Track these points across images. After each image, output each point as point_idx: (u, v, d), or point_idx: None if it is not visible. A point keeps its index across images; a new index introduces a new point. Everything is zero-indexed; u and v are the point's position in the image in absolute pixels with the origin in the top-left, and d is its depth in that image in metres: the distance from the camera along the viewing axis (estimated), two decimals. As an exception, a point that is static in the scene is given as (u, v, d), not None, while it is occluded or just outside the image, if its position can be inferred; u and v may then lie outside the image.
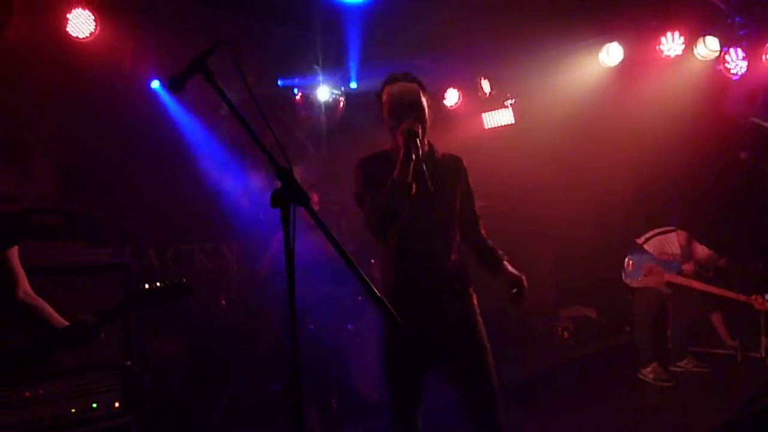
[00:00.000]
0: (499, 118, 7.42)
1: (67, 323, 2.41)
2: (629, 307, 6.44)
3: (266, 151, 1.79)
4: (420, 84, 2.75)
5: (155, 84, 5.54)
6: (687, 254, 5.87)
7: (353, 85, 6.87)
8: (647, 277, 5.92)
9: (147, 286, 2.50)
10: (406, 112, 2.61)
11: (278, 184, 1.75)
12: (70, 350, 2.41)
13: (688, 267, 5.85)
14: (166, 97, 5.62)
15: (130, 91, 5.34)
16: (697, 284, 5.79)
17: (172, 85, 2.00)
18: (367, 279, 1.62)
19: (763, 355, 6.03)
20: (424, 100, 2.70)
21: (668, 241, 6.04)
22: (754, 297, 5.60)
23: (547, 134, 6.75)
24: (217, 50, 1.92)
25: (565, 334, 7.17)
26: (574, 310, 7.63)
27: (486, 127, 7.55)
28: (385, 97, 2.73)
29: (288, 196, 1.70)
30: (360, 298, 5.21)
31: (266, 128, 1.85)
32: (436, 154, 2.83)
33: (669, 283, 5.90)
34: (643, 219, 6.45)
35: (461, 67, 6.98)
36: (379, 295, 1.59)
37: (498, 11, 5.70)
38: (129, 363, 3.87)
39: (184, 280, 2.55)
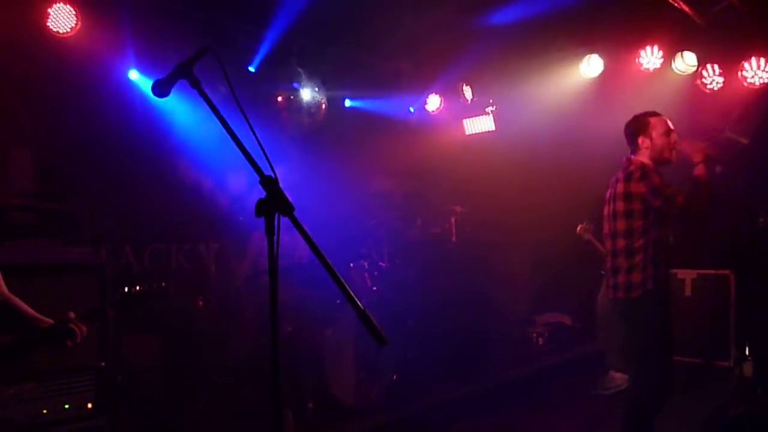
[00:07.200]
0: (480, 124, 7.48)
1: (48, 321, 2.37)
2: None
3: (251, 159, 1.78)
4: None
5: (133, 75, 5.39)
6: None
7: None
8: None
9: (126, 290, 2.50)
10: None
11: (260, 187, 1.75)
12: (53, 349, 2.37)
13: None
14: (146, 92, 5.54)
15: (110, 87, 5.27)
16: None
17: (157, 90, 1.98)
18: (348, 288, 1.61)
19: (732, 365, 6.07)
20: None
21: None
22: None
23: (526, 142, 6.80)
24: (202, 56, 1.91)
25: (540, 340, 7.22)
26: (549, 317, 7.69)
27: (467, 133, 7.61)
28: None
29: (273, 206, 1.70)
30: (338, 301, 5.20)
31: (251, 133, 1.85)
32: None
33: None
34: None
35: (443, 73, 7.02)
36: (362, 307, 1.59)
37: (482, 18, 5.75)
38: (102, 364, 3.83)
39: (163, 284, 2.56)
